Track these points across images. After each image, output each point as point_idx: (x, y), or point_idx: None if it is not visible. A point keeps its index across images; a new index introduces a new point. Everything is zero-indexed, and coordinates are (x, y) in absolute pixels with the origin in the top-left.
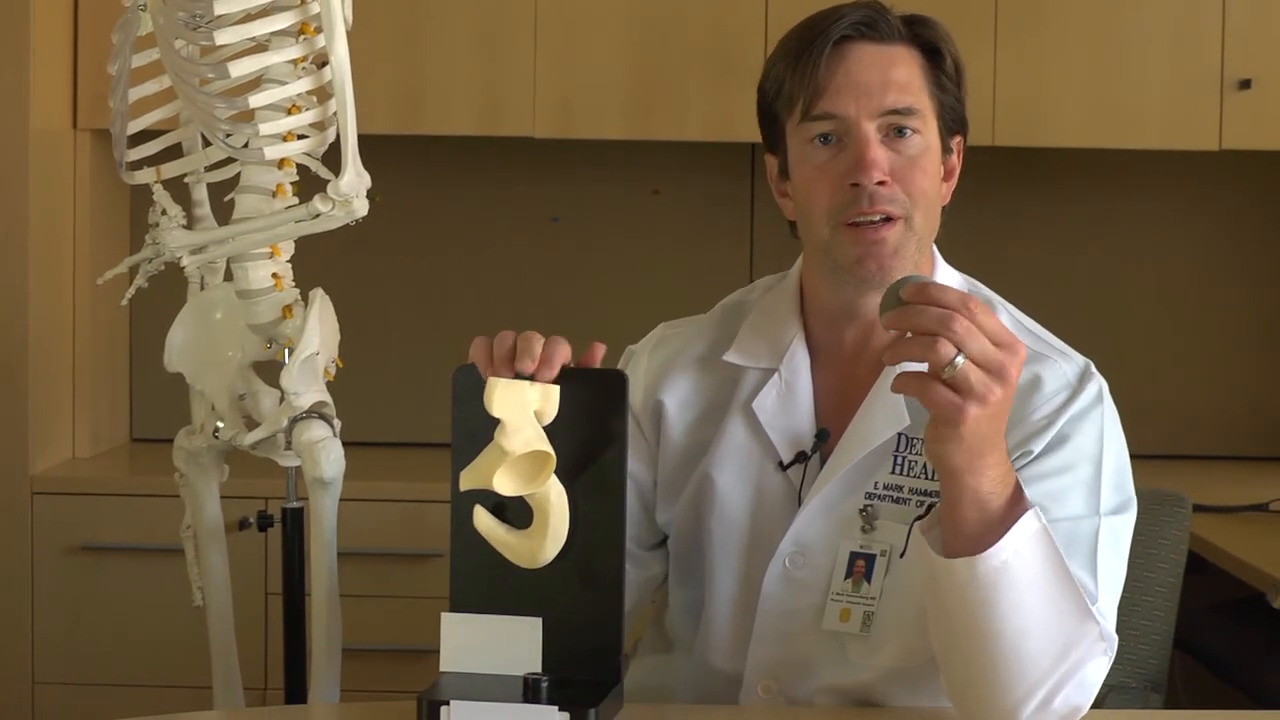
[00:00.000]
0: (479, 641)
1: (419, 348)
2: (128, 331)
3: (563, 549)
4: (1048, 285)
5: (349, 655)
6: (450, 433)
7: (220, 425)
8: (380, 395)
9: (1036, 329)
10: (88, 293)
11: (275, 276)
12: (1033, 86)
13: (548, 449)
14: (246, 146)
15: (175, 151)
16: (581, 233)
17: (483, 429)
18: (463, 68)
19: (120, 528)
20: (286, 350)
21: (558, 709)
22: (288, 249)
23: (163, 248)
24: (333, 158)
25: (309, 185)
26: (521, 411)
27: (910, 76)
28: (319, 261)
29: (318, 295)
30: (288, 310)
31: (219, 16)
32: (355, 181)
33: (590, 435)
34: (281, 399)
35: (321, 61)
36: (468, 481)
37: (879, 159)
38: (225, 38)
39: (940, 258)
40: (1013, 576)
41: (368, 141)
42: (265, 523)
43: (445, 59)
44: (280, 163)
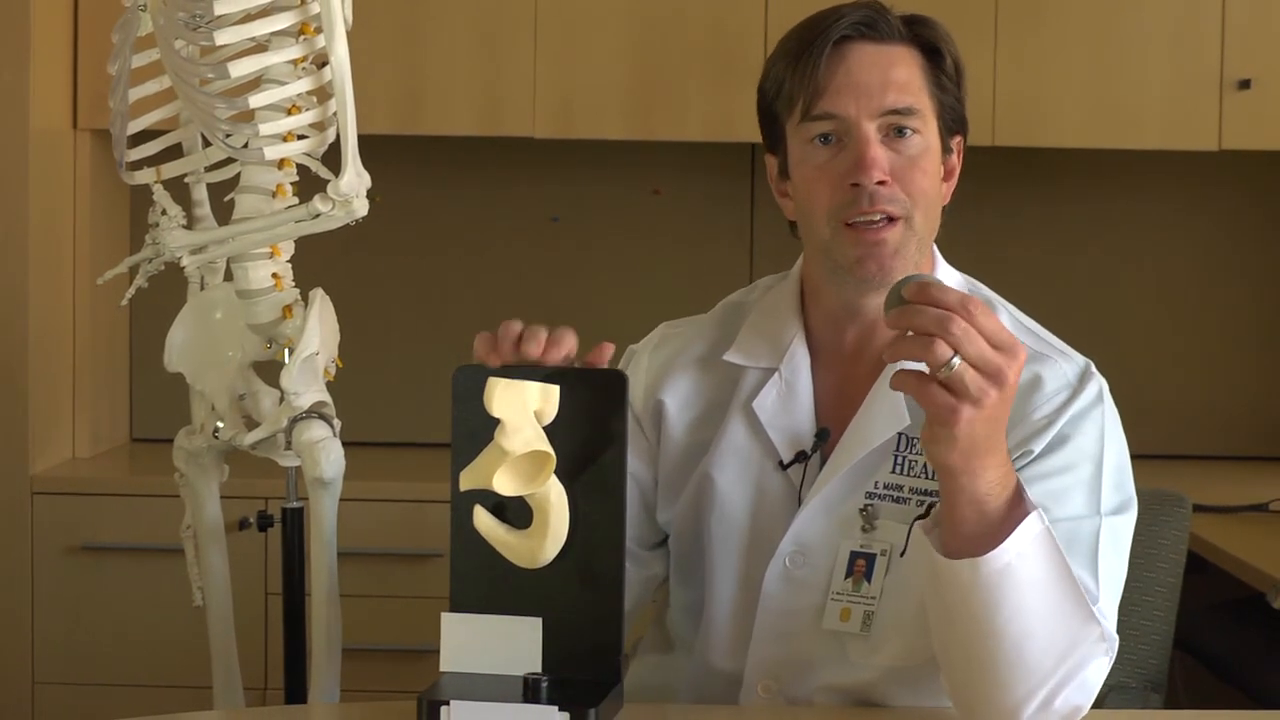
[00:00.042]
0: (479, 641)
1: (419, 348)
2: (128, 331)
3: (563, 549)
4: (1048, 285)
5: (349, 655)
6: (450, 433)
7: (220, 425)
8: (380, 395)
9: (1036, 329)
10: (88, 293)
11: (275, 276)
12: (1033, 86)
13: (548, 449)
14: (246, 147)
15: (175, 151)
16: (581, 233)
17: (483, 429)
18: (463, 68)
19: (120, 528)
20: (286, 350)
21: (558, 709)
22: (288, 249)
23: (163, 248)
24: (333, 158)
25: (309, 185)
26: (521, 411)
27: (910, 76)
28: (319, 261)
29: (318, 295)
30: (288, 310)
31: (219, 17)
32: (355, 182)
33: (590, 435)
34: (281, 399)
35: (321, 61)
36: (468, 481)
37: (879, 159)
38: (225, 38)
39: (941, 258)
40: (1016, 578)
41: (368, 141)
42: (265, 523)
43: (445, 59)
44: (280, 163)
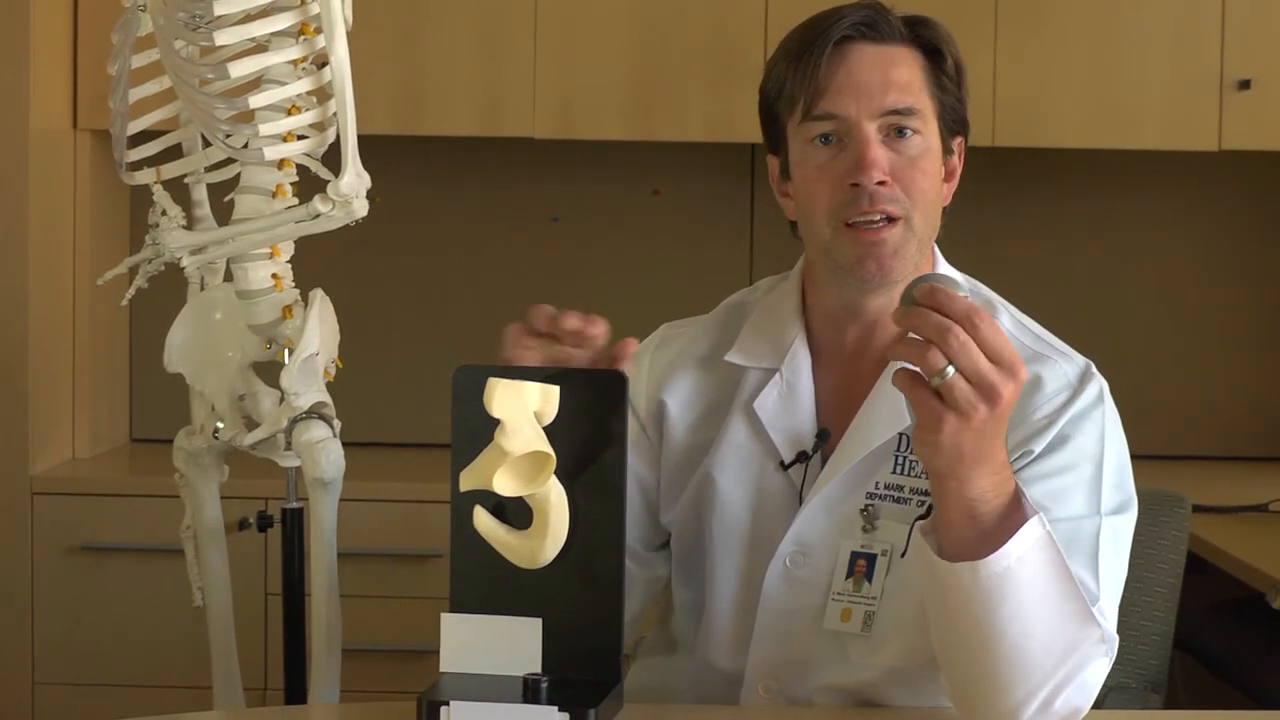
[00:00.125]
0: (479, 642)
1: (419, 348)
2: (128, 331)
3: (563, 549)
4: (1048, 285)
5: (349, 655)
6: (450, 433)
7: (220, 426)
8: (380, 395)
9: (1037, 329)
10: (88, 293)
11: (275, 277)
12: (1033, 86)
13: (548, 449)
14: (246, 147)
15: (175, 152)
16: (581, 233)
17: (483, 429)
18: (463, 68)
19: (120, 528)
20: (286, 351)
21: (558, 709)
22: (287, 249)
23: (163, 248)
24: (333, 158)
25: (309, 186)
26: (521, 411)
27: (911, 77)
28: (319, 261)
29: (317, 295)
30: (287, 311)
31: (219, 17)
32: (355, 182)
33: (590, 435)
34: (281, 399)
35: (321, 62)
36: (468, 482)
37: (879, 159)
38: (225, 38)
39: (941, 258)
40: (1015, 582)
41: (368, 142)
42: (265, 523)
43: (445, 59)
44: (280, 163)
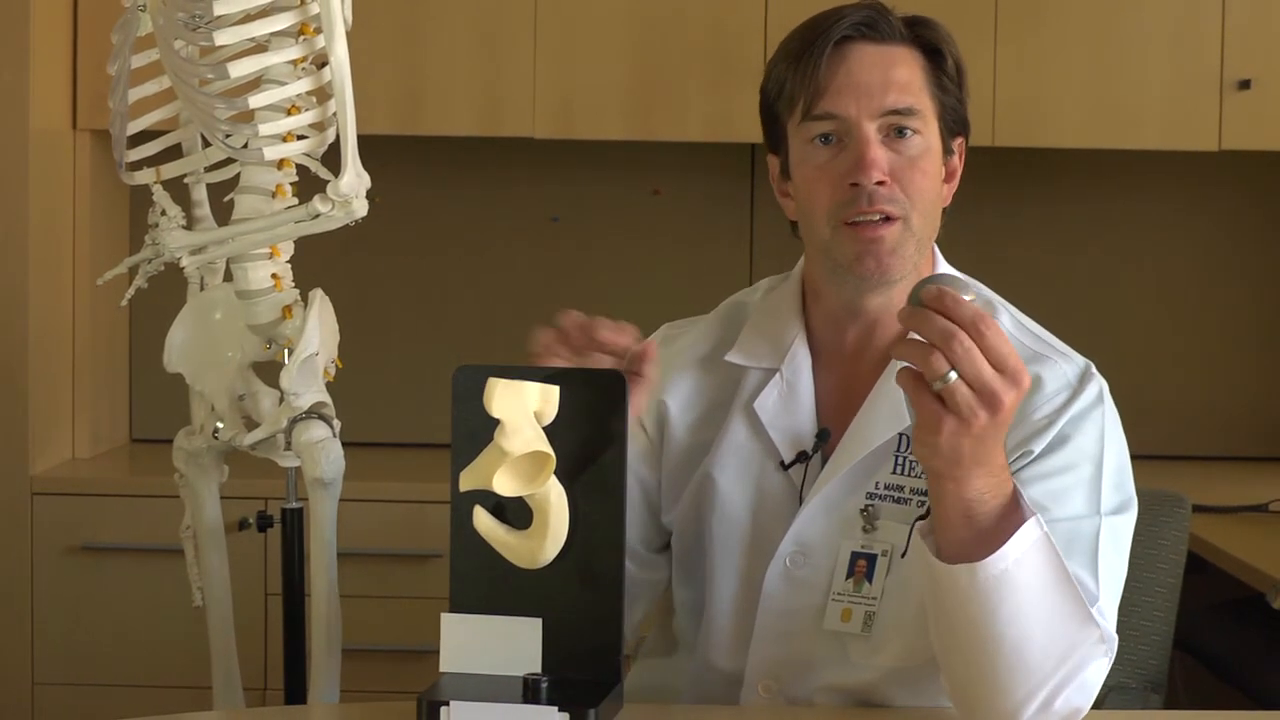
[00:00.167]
0: (479, 642)
1: (419, 348)
2: (128, 331)
3: (563, 549)
4: (1048, 285)
5: (349, 655)
6: (450, 433)
7: (220, 426)
8: (380, 395)
9: (1037, 329)
10: (88, 293)
11: (275, 277)
12: (1033, 86)
13: (548, 449)
14: (246, 147)
15: (175, 152)
16: (581, 233)
17: (483, 429)
18: (463, 68)
19: (120, 528)
20: (286, 351)
21: (557, 709)
22: (287, 249)
23: (162, 248)
24: (332, 158)
25: (309, 186)
26: (521, 411)
27: (911, 77)
28: (319, 261)
29: (317, 296)
30: (287, 311)
31: (219, 17)
32: (355, 182)
33: (590, 435)
34: (281, 399)
35: (321, 62)
36: (468, 482)
37: (878, 159)
38: (225, 38)
39: (941, 258)
40: (1014, 583)
41: (368, 142)
42: (265, 523)
43: (445, 59)
44: (280, 163)
